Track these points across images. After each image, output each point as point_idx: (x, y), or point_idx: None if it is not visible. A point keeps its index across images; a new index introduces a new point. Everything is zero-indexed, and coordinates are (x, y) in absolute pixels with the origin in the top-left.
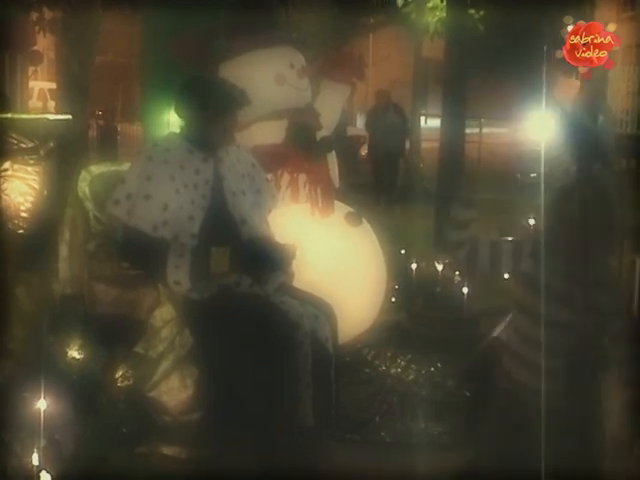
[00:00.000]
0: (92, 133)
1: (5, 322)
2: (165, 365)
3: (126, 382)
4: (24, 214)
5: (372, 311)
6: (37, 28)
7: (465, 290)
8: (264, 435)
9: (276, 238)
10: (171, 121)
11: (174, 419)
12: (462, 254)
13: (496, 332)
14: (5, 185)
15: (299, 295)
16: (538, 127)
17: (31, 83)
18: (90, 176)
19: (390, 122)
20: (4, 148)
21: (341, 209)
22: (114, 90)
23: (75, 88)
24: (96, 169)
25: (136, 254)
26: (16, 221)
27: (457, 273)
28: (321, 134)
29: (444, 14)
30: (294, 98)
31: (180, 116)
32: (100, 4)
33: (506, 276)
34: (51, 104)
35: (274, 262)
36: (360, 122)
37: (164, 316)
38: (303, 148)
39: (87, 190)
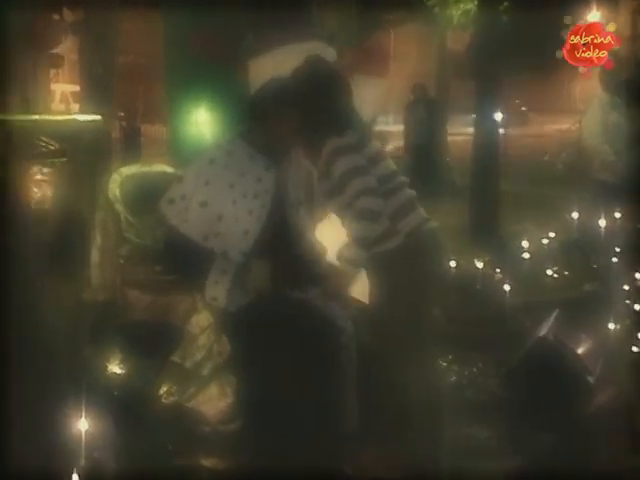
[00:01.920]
0: (115, 134)
1: (36, 332)
2: (203, 374)
3: (162, 392)
4: (53, 218)
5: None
6: (58, 30)
7: (507, 287)
8: (308, 442)
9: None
10: (196, 121)
11: (213, 429)
12: None
13: (542, 331)
14: (33, 189)
15: (340, 298)
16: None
17: (53, 86)
18: (120, 178)
19: (427, 116)
20: (31, 151)
21: None
22: (136, 91)
23: (98, 90)
24: (126, 171)
25: (178, 261)
26: (45, 225)
27: (498, 270)
28: None
29: (468, 6)
30: None
31: (242, 119)
32: (120, 4)
33: (549, 272)
34: (74, 107)
35: (319, 273)
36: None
37: (201, 323)
38: None
39: (118, 192)
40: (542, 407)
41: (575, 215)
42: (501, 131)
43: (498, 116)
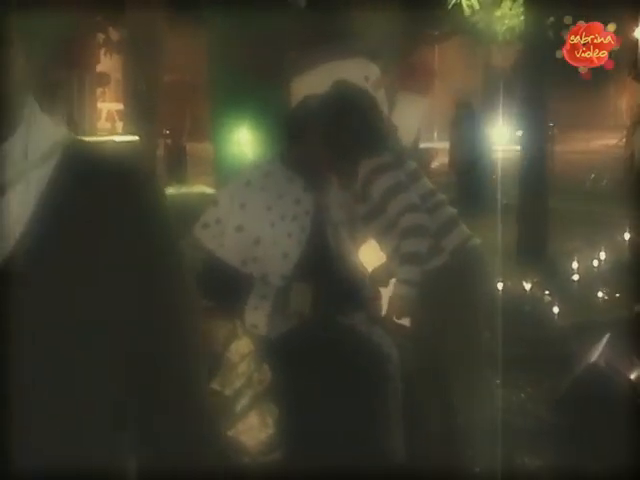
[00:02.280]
0: (160, 153)
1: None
2: (243, 403)
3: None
4: None
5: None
6: (103, 49)
7: (556, 310)
8: (351, 475)
9: (365, 272)
10: (242, 140)
11: (254, 460)
12: None
13: (593, 356)
14: None
15: (385, 323)
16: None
17: (99, 105)
18: None
19: (472, 132)
20: None
21: None
22: (181, 109)
23: (142, 108)
24: (167, 192)
25: (216, 287)
26: None
27: (547, 292)
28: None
29: (513, 22)
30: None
31: (281, 139)
32: (165, 22)
33: (599, 294)
34: (119, 125)
35: (363, 297)
36: (435, 135)
37: (241, 350)
38: None
39: None
40: (594, 436)
41: (627, 235)
42: (548, 147)
43: (545, 132)
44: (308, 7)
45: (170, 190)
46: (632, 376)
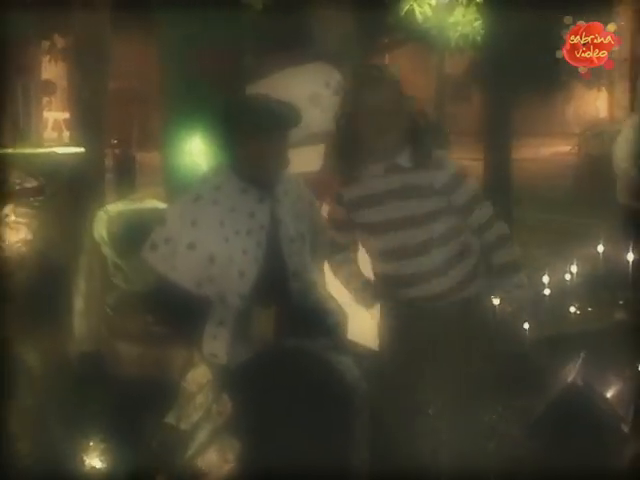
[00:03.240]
0: (108, 164)
1: (11, 389)
2: (201, 437)
3: (156, 458)
4: (30, 264)
5: None
6: (48, 56)
7: (526, 325)
8: None
9: (327, 292)
10: (194, 149)
11: None
12: None
13: (570, 376)
14: (7, 232)
15: (353, 350)
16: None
17: (45, 114)
18: (107, 216)
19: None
20: (4, 189)
21: None
22: (130, 117)
23: (89, 117)
24: (114, 208)
25: (171, 313)
26: (21, 272)
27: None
28: None
29: (466, 29)
30: (331, 120)
31: (226, 146)
32: (112, 28)
33: (572, 309)
34: (66, 135)
35: (327, 321)
36: None
37: (198, 379)
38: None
39: (104, 233)
40: (574, 459)
41: (600, 247)
42: (510, 155)
43: (508, 140)
44: (264, 11)
45: (120, 207)
46: (609, 395)
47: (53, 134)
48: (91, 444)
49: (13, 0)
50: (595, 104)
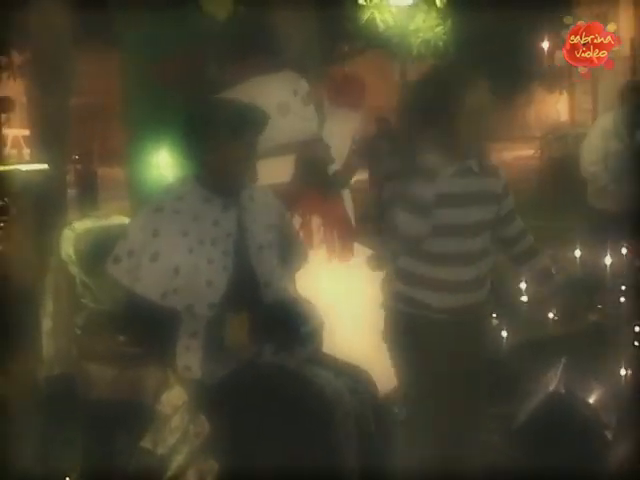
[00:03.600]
0: (70, 179)
1: None
2: (178, 461)
3: None
4: None
5: None
6: (6, 73)
7: (504, 334)
8: None
9: (303, 301)
10: (159, 162)
11: None
12: None
13: (552, 384)
14: None
15: (332, 364)
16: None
17: (4, 130)
18: (74, 234)
19: (391, 149)
20: None
21: (361, 252)
22: (92, 133)
23: (51, 134)
24: (81, 226)
25: (139, 328)
26: None
27: (494, 315)
28: (333, 168)
29: (427, 35)
30: (300, 129)
31: (189, 155)
32: (73, 44)
33: (550, 315)
34: (26, 152)
35: (302, 330)
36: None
37: (173, 401)
38: (315, 185)
39: (71, 251)
40: (556, 468)
41: (577, 251)
42: None
43: None
44: (228, 21)
45: (87, 224)
46: (591, 400)
47: (12, 151)
48: (64, 470)
49: None
50: (556, 107)
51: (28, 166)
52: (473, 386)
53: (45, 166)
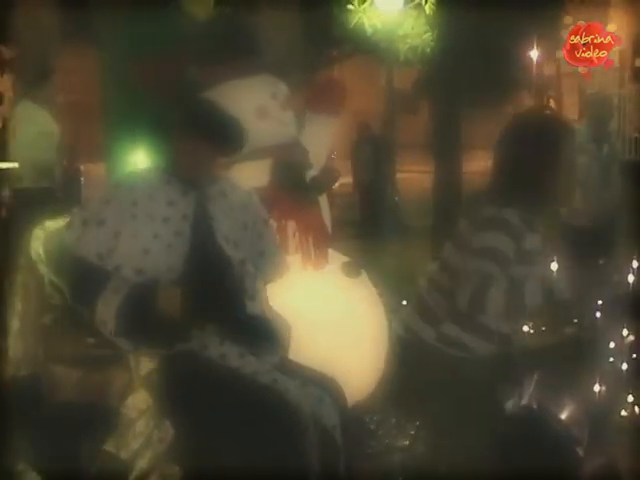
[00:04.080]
0: (54, 176)
1: None
2: (142, 465)
3: None
4: None
5: (373, 374)
6: None
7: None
8: None
9: (272, 310)
10: (137, 160)
11: None
12: None
13: (523, 398)
14: None
15: (298, 372)
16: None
17: None
18: (45, 233)
19: (373, 154)
20: None
21: (336, 259)
22: (77, 129)
23: None
24: (52, 225)
25: (75, 286)
26: None
27: None
28: (311, 173)
29: (415, 42)
30: (278, 133)
31: (157, 144)
32: (58, 40)
33: (525, 328)
34: None
35: (269, 336)
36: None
37: (138, 405)
38: (291, 190)
39: (41, 251)
40: None
41: (554, 264)
42: (460, 168)
43: (456, 153)
44: (208, 22)
45: (59, 223)
46: (564, 416)
47: None
48: (26, 472)
49: None
50: None
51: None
52: None
53: (15, 165)
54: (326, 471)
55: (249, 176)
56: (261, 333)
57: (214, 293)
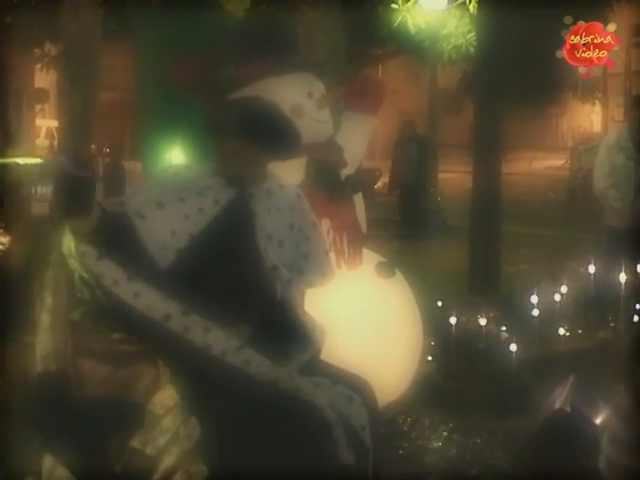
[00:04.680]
0: (98, 173)
1: None
2: (167, 462)
3: None
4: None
5: (408, 375)
6: (40, 65)
7: (514, 347)
8: None
9: (304, 314)
10: (173, 157)
11: None
12: None
13: (558, 402)
14: None
15: (327, 372)
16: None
17: (38, 121)
18: (81, 227)
19: (416, 153)
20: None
21: (371, 259)
22: (121, 127)
23: (77, 126)
24: (87, 220)
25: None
26: None
27: (504, 328)
28: (346, 172)
29: (459, 41)
30: (314, 132)
31: (206, 146)
32: (102, 38)
33: (561, 332)
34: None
35: (297, 341)
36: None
37: (165, 401)
38: (326, 189)
39: (73, 245)
40: None
41: (591, 266)
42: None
43: (499, 153)
44: (246, 19)
45: None
46: (597, 421)
47: (45, 142)
48: (53, 467)
49: (4, 7)
50: (589, 118)
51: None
52: None
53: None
54: (355, 471)
55: (283, 174)
56: (287, 338)
57: (240, 294)
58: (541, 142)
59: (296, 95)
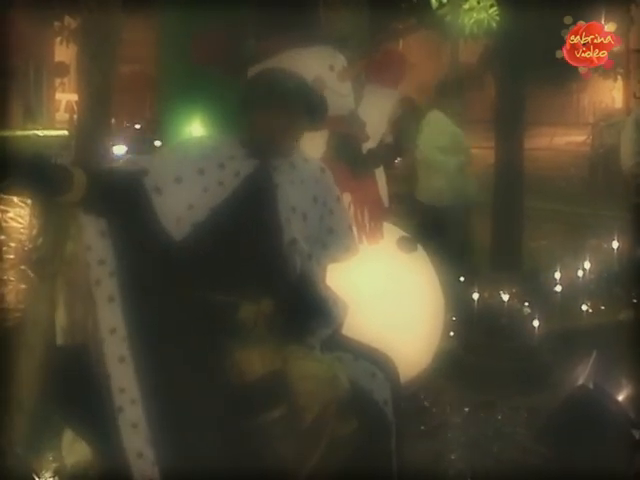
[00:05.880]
0: (129, 150)
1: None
2: None
3: None
4: (16, 251)
5: (430, 350)
6: (59, 38)
7: (536, 323)
8: None
9: (326, 288)
10: (193, 133)
11: None
12: None
13: (580, 378)
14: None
15: (350, 347)
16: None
17: (58, 95)
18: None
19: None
20: None
21: (392, 233)
22: (143, 101)
23: (97, 100)
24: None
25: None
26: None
27: (526, 303)
28: (367, 146)
29: (481, 15)
30: (335, 105)
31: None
32: (121, 11)
33: (584, 308)
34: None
35: (321, 318)
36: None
37: None
38: (347, 163)
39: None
40: (582, 465)
41: (614, 242)
42: (522, 145)
43: (519, 128)
44: None
45: None
46: (620, 398)
47: (65, 116)
48: (74, 440)
49: None
50: (611, 94)
51: (46, 132)
52: None
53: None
54: (378, 446)
55: (305, 148)
56: (309, 313)
57: (258, 268)
58: (562, 118)
59: (318, 68)
